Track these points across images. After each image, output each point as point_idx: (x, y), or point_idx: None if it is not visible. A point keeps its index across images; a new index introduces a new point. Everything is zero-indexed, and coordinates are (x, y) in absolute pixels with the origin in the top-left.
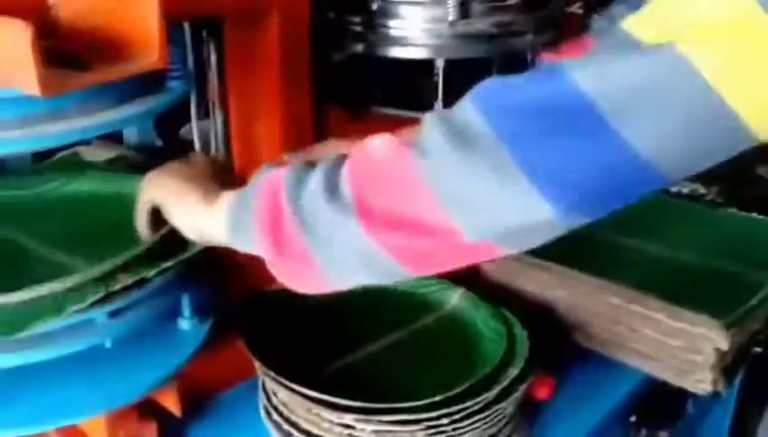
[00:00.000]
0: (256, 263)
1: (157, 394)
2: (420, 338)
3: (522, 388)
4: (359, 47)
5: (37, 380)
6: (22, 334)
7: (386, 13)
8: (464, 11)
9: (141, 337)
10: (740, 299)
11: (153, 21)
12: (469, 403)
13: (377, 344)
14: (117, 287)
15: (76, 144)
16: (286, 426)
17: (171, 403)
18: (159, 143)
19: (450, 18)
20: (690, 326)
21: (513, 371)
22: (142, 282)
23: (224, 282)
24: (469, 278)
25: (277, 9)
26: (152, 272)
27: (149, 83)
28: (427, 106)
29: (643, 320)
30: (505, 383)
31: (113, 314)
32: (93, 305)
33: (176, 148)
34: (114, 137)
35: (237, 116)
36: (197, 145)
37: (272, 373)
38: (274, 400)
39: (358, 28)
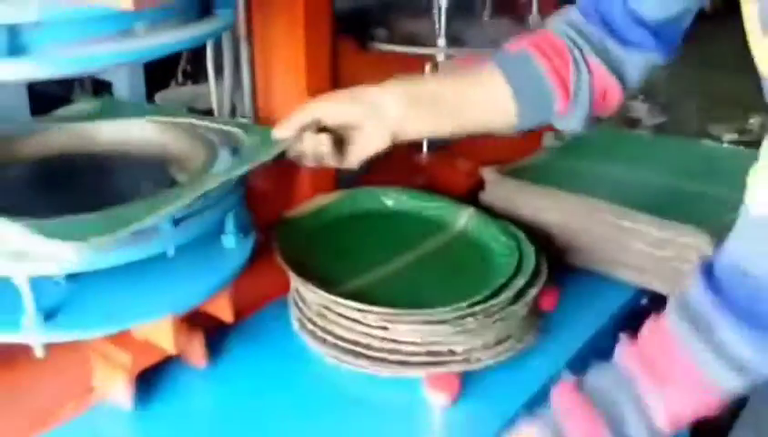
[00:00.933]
0: (274, 191)
1: (209, 303)
2: (434, 255)
3: (533, 292)
4: None
5: (107, 285)
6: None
7: None
8: None
9: (194, 250)
10: (716, 213)
11: None
12: (490, 303)
13: (393, 263)
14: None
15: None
16: (320, 333)
17: (222, 311)
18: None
19: None
20: (677, 236)
21: (523, 280)
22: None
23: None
24: (466, 202)
25: None
26: (213, 185)
27: (201, 9)
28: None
29: (633, 235)
30: (518, 287)
31: (177, 221)
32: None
33: None
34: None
35: (261, 54)
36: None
37: (312, 285)
38: (308, 312)
39: None
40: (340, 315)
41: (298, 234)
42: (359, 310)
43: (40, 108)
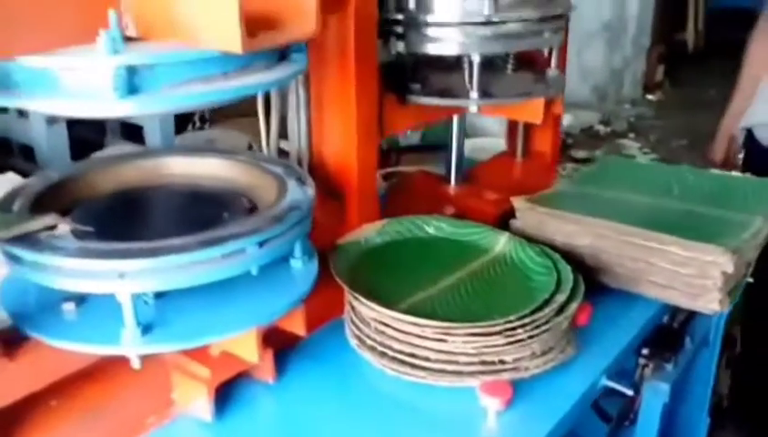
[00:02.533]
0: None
1: (285, 319)
2: (478, 275)
3: (574, 306)
4: (401, 47)
5: (189, 302)
6: None
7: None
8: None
9: (267, 272)
10: (733, 234)
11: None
12: (536, 316)
13: (440, 283)
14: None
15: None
16: (380, 348)
17: (296, 326)
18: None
19: (486, 12)
20: (701, 255)
21: (564, 295)
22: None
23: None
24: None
25: (353, 4)
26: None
27: (280, 54)
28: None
29: (659, 255)
30: (560, 302)
31: (261, 244)
32: None
33: None
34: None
35: (316, 103)
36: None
37: (373, 303)
38: (366, 329)
39: (399, 29)
40: (399, 330)
41: (350, 259)
42: (418, 325)
43: (78, 153)
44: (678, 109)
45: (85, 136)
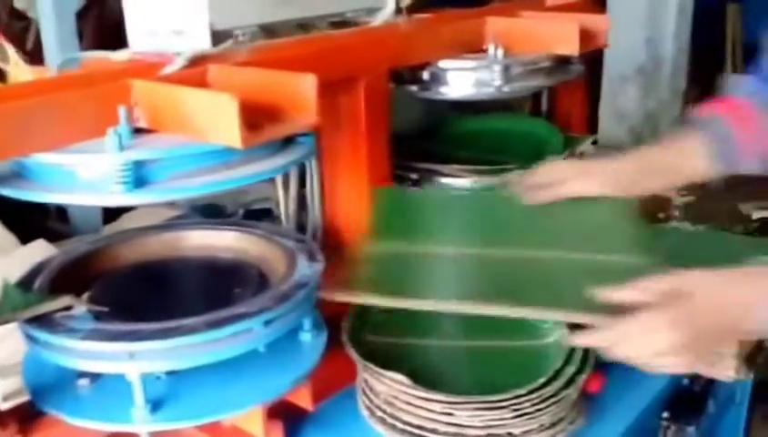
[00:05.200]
0: None
1: (292, 392)
2: (482, 337)
3: (583, 378)
4: None
5: (201, 378)
6: None
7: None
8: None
9: (275, 346)
10: None
11: (311, 91)
12: (545, 391)
13: (449, 346)
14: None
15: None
16: (390, 420)
17: (303, 399)
18: None
19: (496, 83)
20: None
21: (574, 367)
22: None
23: None
24: None
25: (364, 75)
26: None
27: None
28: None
29: None
30: (570, 374)
31: (267, 323)
32: None
33: None
34: None
35: (329, 174)
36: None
37: (381, 374)
38: (376, 400)
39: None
40: (408, 403)
41: (363, 324)
42: (425, 399)
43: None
44: None
45: None
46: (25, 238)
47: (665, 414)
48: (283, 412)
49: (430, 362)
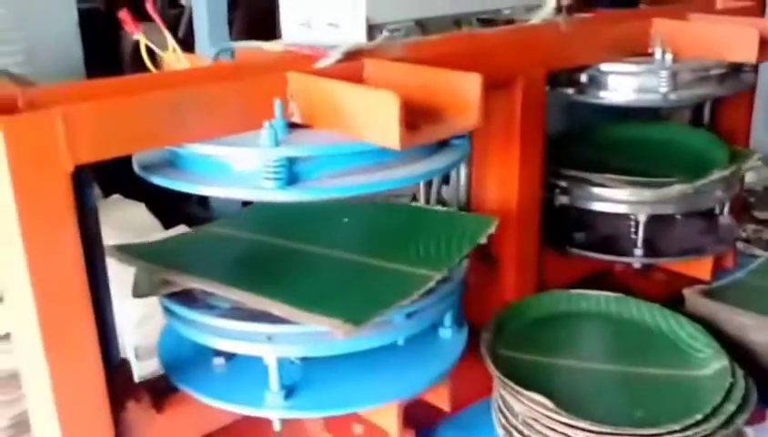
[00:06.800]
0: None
1: (429, 392)
2: (637, 361)
3: (743, 418)
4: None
5: (336, 368)
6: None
7: None
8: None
9: (414, 341)
10: None
11: (475, 91)
12: (701, 427)
13: (598, 369)
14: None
15: None
16: None
17: (441, 400)
18: None
19: (663, 90)
20: None
21: (733, 406)
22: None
23: None
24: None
25: (522, 76)
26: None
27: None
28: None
29: None
30: (729, 412)
31: (409, 315)
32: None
33: None
34: None
35: (478, 157)
36: None
37: (529, 394)
38: (513, 420)
39: (564, 183)
40: (549, 427)
41: (505, 335)
42: (569, 425)
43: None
44: None
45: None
46: (167, 223)
47: None
48: (417, 415)
49: (570, 384)
